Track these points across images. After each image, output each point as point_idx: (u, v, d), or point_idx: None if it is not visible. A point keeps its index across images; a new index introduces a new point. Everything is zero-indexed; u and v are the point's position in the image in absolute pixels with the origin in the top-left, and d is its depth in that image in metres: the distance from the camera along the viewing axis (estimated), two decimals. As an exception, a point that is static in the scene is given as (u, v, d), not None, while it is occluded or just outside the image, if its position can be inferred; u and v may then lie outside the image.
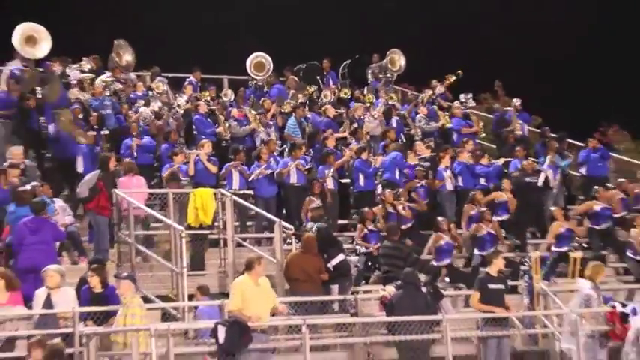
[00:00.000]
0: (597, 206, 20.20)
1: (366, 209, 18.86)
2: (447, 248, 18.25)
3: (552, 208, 20.12)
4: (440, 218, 18.98)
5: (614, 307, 15.53)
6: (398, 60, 26.22)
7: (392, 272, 16.93)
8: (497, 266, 15.47)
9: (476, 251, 18.82)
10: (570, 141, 24.13)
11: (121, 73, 23.49)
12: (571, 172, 23.28)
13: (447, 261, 18.21)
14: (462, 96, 24.59)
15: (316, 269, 16.19)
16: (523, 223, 20.39)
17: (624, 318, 15.39)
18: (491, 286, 15.23)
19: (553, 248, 19.16)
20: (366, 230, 18.39)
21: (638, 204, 21.38)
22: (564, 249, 19.05)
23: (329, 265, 16.45)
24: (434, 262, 18.25)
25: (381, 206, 19.32)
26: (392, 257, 17.25)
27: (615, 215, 20.45)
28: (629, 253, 19.43)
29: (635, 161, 25.56)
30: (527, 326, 16.12)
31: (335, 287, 16.52)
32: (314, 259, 16.28)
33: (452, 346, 14.30)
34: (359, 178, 20.50)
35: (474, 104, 24.81)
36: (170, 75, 25.21)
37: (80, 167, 19.28)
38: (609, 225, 20.15)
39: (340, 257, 16.61)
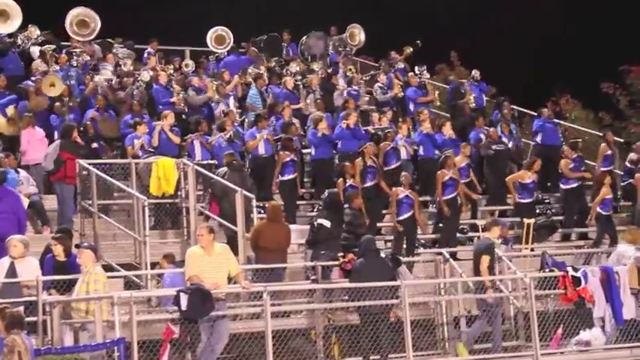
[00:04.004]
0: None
1: (347, 163, 19.28)
2: (407, 201, 18.69)
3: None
4: (403, 173, 19.42)
5: (566, 271, 15.95)
6: (358, 34, 26.53)
7: (350, 240, 17.22)
8: (495, 233, 16.29)
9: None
10: (521, 109, 24.66)
11: (80, 43, 23.51)
12: (524, 140, 23.81)
13: (407, 214, 18.64)
14: (416, 68, 24.92)
15: (286, 238, 16.26)
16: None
17: (576, 282, 15.83)
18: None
19: (517, 199, 20.02)
20: (346, 184, 18.77)
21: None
22: (527, 200, 19.85)
23: (315, 222, 16.66)
24: (396, 217, 18.71)
25: (360, 159, 19.57)
26: (349, 225, 17.42)
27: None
28: (598, 209, 19.87)
29: (585, 129, 26.15)
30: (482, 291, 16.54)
31: (309, 252, 16.69)
32: (282, 227, 16.34)
33: (410, 311, 14.60)
34: (318, 147, 20.80)
35: (428, 76, 25.15)
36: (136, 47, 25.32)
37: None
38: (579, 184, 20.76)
39: (326, 222, 16.60)
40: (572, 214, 20.84)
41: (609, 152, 21.85)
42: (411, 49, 25.61)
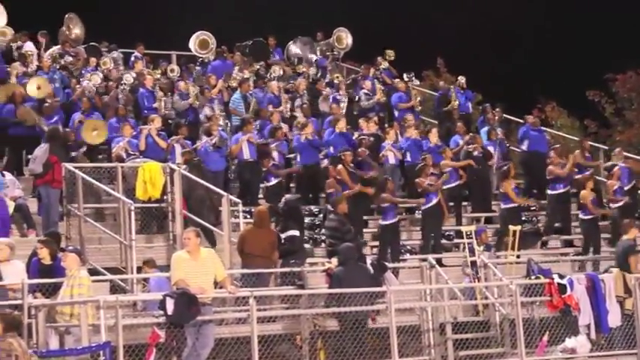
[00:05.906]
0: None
1: (330, 166, 19.51)
2: (391, 206, 18.86)
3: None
4: (386, 177, 19.55)
5: (552, 279, 15.99)
6: (345, 38, 26.60)
7: (335, 246, 17.15)
8: (633, 234, 16.95)
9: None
10: (508, 116, 24.74)
11: (71, 46, 23.50)
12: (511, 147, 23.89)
13: (392, 220, 18.78)
14: (404, 75, 24.94)
15: (271, 244, 16.14)
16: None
17: (562, 289, 15.87)
18: None
19: (502, 205, 20.10)
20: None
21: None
22: (510, 205, 19.95)
23: (282, 235, 16.54)
24: (380, 222, 18.83)
25: (340, 166, 19.46)
26: (335, 230, 17.33)
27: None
28: (581, 215, 20.07)
29: (570, 136, 26.28)
30: (468, 297, 16.59)
31: (279, 262, 16.50)
32: (268, 233, 16.27)
33: (396, 317, 14.59)
34: (303, 152, 20.77)
35: (417, 82, 25.20)
36: (122, 50, 25.33)
37: None
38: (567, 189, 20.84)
39: (294, 232, 16.57)
40: (553, 220, 20.86)
41: (582, 160, 21.91)
42: (392, 52, 25.67)
